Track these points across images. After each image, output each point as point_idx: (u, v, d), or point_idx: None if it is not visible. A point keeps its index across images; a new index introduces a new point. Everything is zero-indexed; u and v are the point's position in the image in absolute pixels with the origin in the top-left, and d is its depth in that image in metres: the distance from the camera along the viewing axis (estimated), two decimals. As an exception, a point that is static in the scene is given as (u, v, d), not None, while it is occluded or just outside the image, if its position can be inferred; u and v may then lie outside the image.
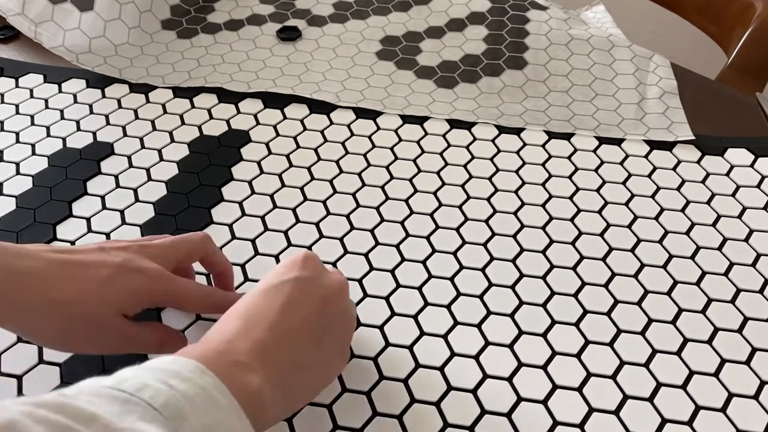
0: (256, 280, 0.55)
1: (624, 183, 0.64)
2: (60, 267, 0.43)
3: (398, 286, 0.55)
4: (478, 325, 0.52)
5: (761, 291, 0.55)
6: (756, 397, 0.48)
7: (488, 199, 0.62)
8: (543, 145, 0.68)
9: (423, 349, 0.51)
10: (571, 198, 0.62)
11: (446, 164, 0.65)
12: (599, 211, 0.61)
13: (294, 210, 0.61)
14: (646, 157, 0.66)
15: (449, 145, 0.67)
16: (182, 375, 0.33)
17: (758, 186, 0.64)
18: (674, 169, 0.65)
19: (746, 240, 0.59)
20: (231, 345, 0.38)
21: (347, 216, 0.60)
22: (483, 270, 0.56)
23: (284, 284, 0.42)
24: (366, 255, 0.57)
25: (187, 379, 0.32)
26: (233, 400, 0.33)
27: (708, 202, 0.62)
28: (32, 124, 0.69)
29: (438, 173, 0.65)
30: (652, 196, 0.63)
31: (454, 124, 0.70)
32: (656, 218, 0.61)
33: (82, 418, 0.27)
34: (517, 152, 0.67)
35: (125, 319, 0.44)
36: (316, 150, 0.67)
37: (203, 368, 0.34)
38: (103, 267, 0.43)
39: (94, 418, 0.28)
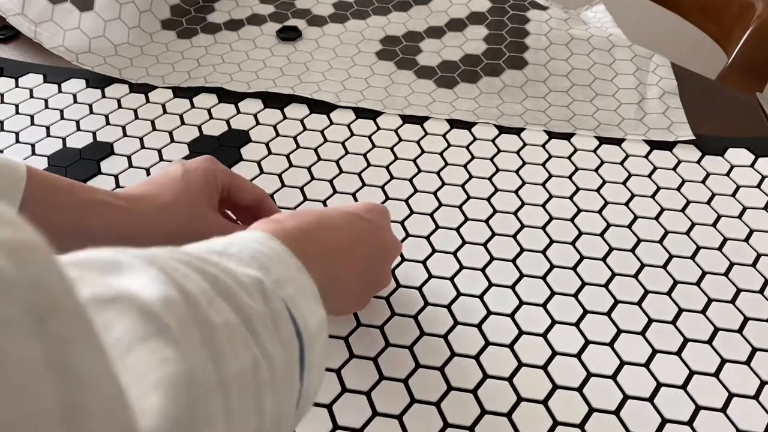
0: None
1: (624, 183, 0.64)
2: (151, 186, 0.49)
3: (398, 285, 0.55)
4: (479, 325, 0.52)
5: (761, 291, 0.55)
6: (756, 397, 0.48)
7: (488, 199, 0.62)
8: (543, 145, 0.68)
9: (423, 349, 0.51)
10: (571, 198, 0.62)
11: (446, 164, 0.65)
12: (599, 211, 0.61)
13: (294, 209, 0.61)
14: (646, 157, 0.66)
15: (449, 145, 0.67)
16: (256, 238, 0.36)
17: (758, 186, 0.64)
18: (674, 169, 0.65)
19: (746, 240, 0.59)
20: (299, 233, 0.40)
21: (347, 216, 0.60)
22: (483, 270, 0.56)
23: (359, 220, 0.46)
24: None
25: (262, 242, 0.36)
26: (299, 262, 0.37)
27: (708, 202, 0.62)
28: (32, 124, 0.69)
29: (438, 173, 0.65)
30: (652, 196, 0.63)
31: (454, 124, 0.70)
32: (656, 218, 0.61)
33: (200, 260, 0.31)
34: (517, 152, 0.67)
35: (219, 216, 0.50)
36: (316, 150, 0.67)
37: (272, 236, 0.37)
38: (173, 172, 0.50)
39: (206, 259, 0.31)
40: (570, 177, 0.64)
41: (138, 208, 0.47)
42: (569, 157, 0.66)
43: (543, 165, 0.66)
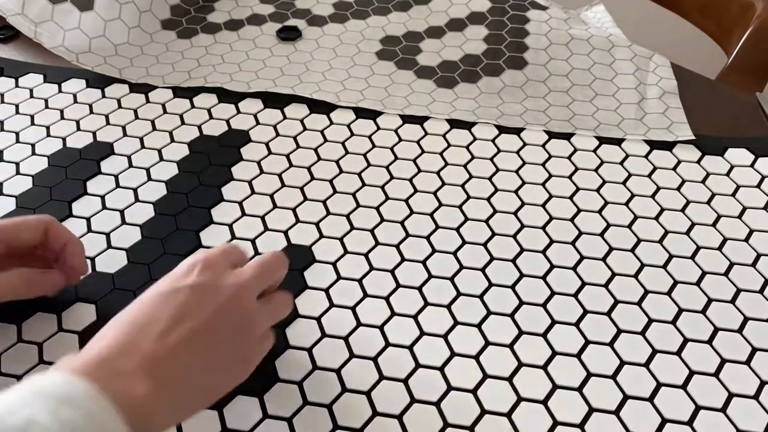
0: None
1: (624, 183, 0.64)
2: None
3: (398, 286, 0.55)
4: (478, 325, 0.52)
5: (761, 291, 0.55)
6: (756, 397, 0.48)
7: (488, 199, 0.62)
8: (543, 145, 0.68)
9: (423, 349, 0.51)
10: (571, 198, 0.62)
11: (446, 164, 0.65)
12: (599, 211, 0.61)
13: (294, 210, 0.61)
14: (646, 157, 0.66)
15: (449, 145, 0.67)
16: (73, 401, 0.32)
17: (758, 186, 0.64)
18: (674, 169, 0.65)
19: (746, 240, 0.59)
20: (116, 354, 0.36)
21: (347, 216, 0.60)
22: (483, 270, 0.56)
23: (177, 292, 0.40)
24: (366, 255, 0.57)
25: (79, 406, 0.31)
26: (122, 426, 0.33)
27: (708, 202, 0.62)
28: (32, 124, 0.69)
29: (438, 173, 0.65)
30: (652, 196, 0.63)
31: (454, 123, 0.70)
32: (656, 218, 0.61)
33: None
34: (517, 152, 0.67)
35: None
36: (316, 150, 0.67)
37: (95, 393, 0.33)
38: None
39: None
40: (570, 177, 0.64)
41: None
42: (569, 157, 0.66)
43: (543, 165, 0.66)
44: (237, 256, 0.46)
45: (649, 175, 0.65)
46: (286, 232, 0.59)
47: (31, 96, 0.73)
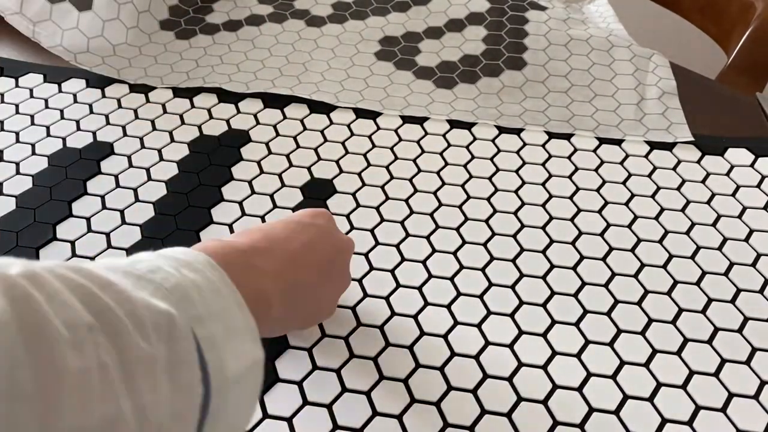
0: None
1: (624, 183, 0.64)
2: None
3: (398, 286, 0.55)
4: (478, 325, 0.52)
5: (761, 291, 0.55)
6: (756, 397, 0.48)
7: (488, 199, 0.62)
8: (543, 145, 0.68)
9: (423, 349, 0.51)
10: (571, 198, 0.62)
11: (446, 164, 0.65)
12: (599, 211, 0.61)
13: (294, 210, 0.61)
14: (646, 157, 0.66)
15: (449, 145, 0.67)
16: (193, 266, 0.34)
17: (758, 186, 0.64)
18: (674, 169, 0.65)
19: (746, 240, 0.59)
20: (251, 251, 0.40)
21: (347, 216, 0.60)
22: (483, 270, 0.56)
23: (308, 226, 0.45)
24: (366, 255, 0.57)
25: (197, 270, 0.34)
26: (238, 296, 0.35)
27: (708, 202, 0.62)
28: (32, 123, 0.69)
29: (438, 173, 0.65)
30: (652, 196, 0.63)
31: (454, 123, 0.70)
32: (656, 218, 0.61)
33: (98, 283, 0.28)
34: (517, 152, 0.67)
35: None
36: (316, 150, 0.67)
37: (213, 263, 0.35)
38: None
39: (110, 284, 0.28)
40: (570, 177, 0.64)
41: None
42: (569, 157, 0.66)
43: (543, 165, 0.66)
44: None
45: (649, 175, 0.65)
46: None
47: (31, 96, 0.73)
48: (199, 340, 0.31)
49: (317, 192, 0.63)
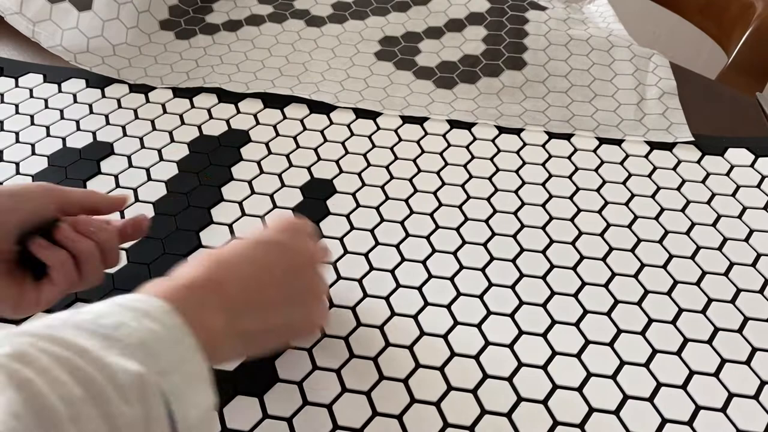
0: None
1: (624, 183, 0.64)
2: None
3: (398, 286, 0.55)
4: (478, 325, 0.52)
5: (761, 291, 0.55)
6: (756, 397, 0.48)
7: (488, 199, 0.62)
8: (543, 145, 0.68)
9: (423, 349, 0.50)
10: (571, 198, 0.62)
11: (446, 164, 0.65)
12: (599, 211, 0.61)
13: (294, 210, 0.61)
14: (646, 157, 0.66)
15: (449, 145, 0.67)
16: (152, 315, 0.34)
17: (758, 186, 0.64)
18: (674, 169, 0.65)
19: (746, 240, 0.59)
20: (200, 285, 0.39)
21: (347, 216, 0.60)
22: (483, 270, 0.56)
23: (266, 245, 0.44)
24: (366, 255, 0.57)
25: (156, 319, 0.34)
26: (194, 341, 0.35)
27: (708, 202, 0.62)
28: (32, 124, 0.69)
29: (438, 173, 0.65)
30: (652, 196, 0.63)
31: (454, 124, 0.70)
32: (656, 218, 0.61)
33: (76, 351, 0.30)
34: (517, 152, 0.67)
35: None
36: (316, 150, 0.67)
37: (170, 310, 0.35)
38: None
39: (86, 351, 0.30)
40: (570, 177, 0.64)
41: None
42: (569, 157, 0.66)
43: (543, 165, 0.66)
44: (309, 228, 0.49)
45: (649, 175, 0.65)
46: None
47: (31, 96, 0.73)
48: (166, 393, 0.32)
49: (317, 192, 0.63)
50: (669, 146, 0.67)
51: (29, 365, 0.28)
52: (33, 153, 0.66)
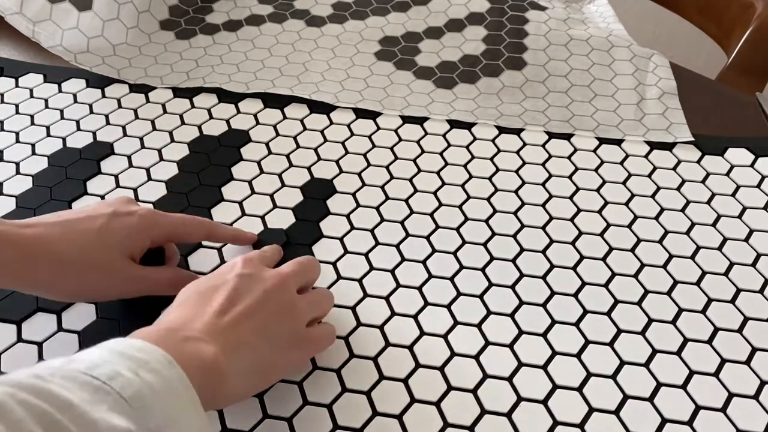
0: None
1: (624, 183, 0.64)
2: (60, 227, 0.47)
3: (398, 286, 0.55)
4: (478, 325, 0.52)
5: (761, 291, 0.55)
6: (756, 397, 0.48)
7: (488, 199, 0.62)
8: (543, 145, 0.68)
9: (423, 349, 0.50)
10: (571, 198, 0.62)
11: (446, 164, 0.65)
12: (599, 211, 0.61)
13: (294, 210, 0.61)
14: (646, 157, 0.66)
15: (449, 145, 0.67)
16: (150, 365, 0.34)
17: (758, 186, 0.64)
18: (674, 169, 0.65)
19: (746, 240, 0.59)
20: (182, 325, 0.40)
21: (347, 216, 0.60)
22: (483, 270, 0.56)
23: (226, 282, 0.44)
24: (366, 255, 0.57)
25: (155, 370, 0.34)
26: (193, 393, 0.35)
27: (708, 202, 0.62)
28: (32, 123, 0.69)
29: (438, 173, 0.65)
30: (652, 196, 0.63)
31: (454, 123, 0.70)
32: (656, 218, 0.61)
33: (58, 405, 0.29)
34: (517, 152, 0.67)
35: (132, 262, 0.49)
36: (316, 150, 0.67)
37: (170, 360, 0.35)
38: (97, 218, 0.48)
39: (70, 406, 0.29)
40: (570, 177, 0.64)
41: (33, 247, 0.45)
42: (569, 157, 0.66)
43: (543, 165, 0.66)
44: (272, 254, 0.52)
45: (649, 175, 0.65)
46: (286, 232, 0.59)
47: (31, 96, 0.73)
48: None
49: (317, 192, 0.63)
50: (669, 146, 0.67)
51: (1, 417, 0.26)
52: (33, 153, 0.66)
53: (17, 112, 0.71)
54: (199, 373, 0.36)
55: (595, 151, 0.67)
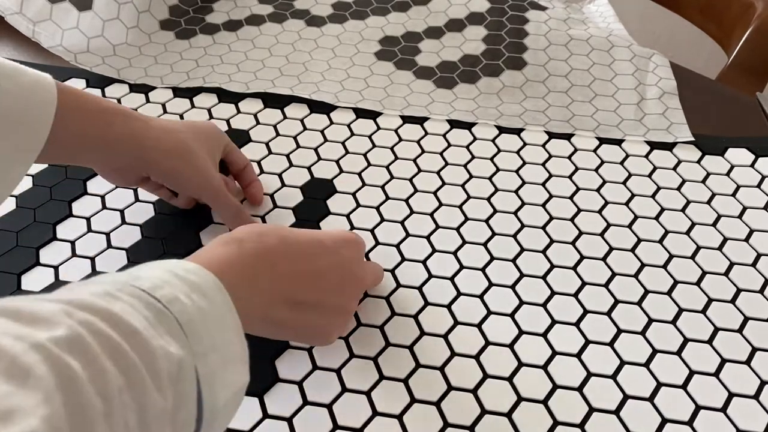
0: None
1: (624, 183, 0.64)
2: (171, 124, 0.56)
3: (398, 285, 0.55)
4: (479, 325, 0.52)
5: (761, 291, 0.55)
6: (756, 397, 0.48)
7: (488, 199, 0.62)
8: (543, 145, 0.68)
9: (423, 349, 0.50)
10: (571, 198, 0.62)
11: (446, 164, 0.65)
12: (599, 211, 0.61)
13: (294, 210, 0.61)
14: (646, 156, 0.66)
15: (449, 145, 0.67)
16: (203, 290, 0.35)
17: (758, 186, 0.64)
18: (674, 169, 0.65)
19: (746, 240, 0.59)
20: (258, 259, 0.41)
21: (347, 216, 0.60)
22: (483, 270, 0.56)
23: (329, 253, 0.45)
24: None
25: (206, 295, 0.35)
26: (238, 322, 0.36)
27: (708, 202, 0.62)
28: (31, 124, 0.69)
29: (438, 173, 0.65)
30: (652, 196, 0.63)
31: (455, 123, 0.70)
32: (656, 218, 0.61)
33: (125, 332, 0.30)
34: (517, 152, 0.67)
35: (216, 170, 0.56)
36: (316, 150, 0.67)
37: (221, 286, 0.36)
38: (191, 123, 0.58)
39: (135, 333, 0.30)
40: (570, 177, 0.64)
41: (157, 124, 0.54)
42: (569, 157, 0.66)
43: (543, 165, 0.66)
44: (364, 248, 0.52)
45: (649, 175, 0.65)
46: (285, 232, 0.59)
47: (31, 96, 0.72)
48: (200, 376, 0.33)
49: (317, 192, 0.63)
50: (669, 146, 0.67)
51: (80, 355, 0.27)
52: (33, 153, 0.66)
53: (17, 112, 0.70)
54: (243, 314, 0.37)
55: (595, 151, 0.67)
